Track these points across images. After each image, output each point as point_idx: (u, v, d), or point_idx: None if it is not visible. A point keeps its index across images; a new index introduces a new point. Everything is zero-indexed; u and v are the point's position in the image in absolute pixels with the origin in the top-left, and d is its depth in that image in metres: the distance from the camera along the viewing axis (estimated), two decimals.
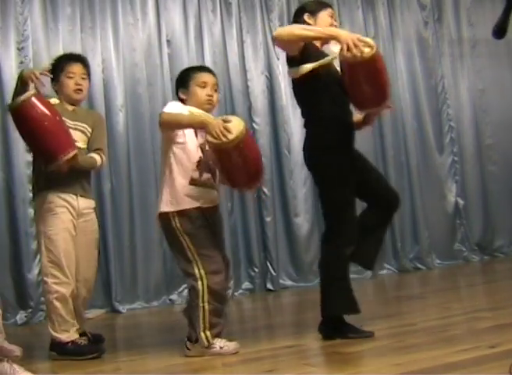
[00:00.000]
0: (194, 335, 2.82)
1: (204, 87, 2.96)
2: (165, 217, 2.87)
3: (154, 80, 4.91)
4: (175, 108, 2.89)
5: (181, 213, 2.84)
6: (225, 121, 2.71)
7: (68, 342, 2.97)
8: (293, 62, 2.98)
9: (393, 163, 5.64)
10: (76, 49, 4.64)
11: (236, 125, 2.71)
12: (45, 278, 3.00)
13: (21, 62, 4.48)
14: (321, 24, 3.06)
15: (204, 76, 3.00)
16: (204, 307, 2.78)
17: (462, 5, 6.18)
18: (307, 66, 2.92)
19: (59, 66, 3.17)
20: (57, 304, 2.96)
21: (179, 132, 2.89)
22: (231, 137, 2.64)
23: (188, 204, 2.84)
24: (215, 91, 3.00)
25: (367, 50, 2.78)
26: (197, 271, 2.79)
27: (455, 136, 6.00)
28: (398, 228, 5.58)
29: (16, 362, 2.41)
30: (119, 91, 4.76)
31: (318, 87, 2.97)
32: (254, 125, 5.17)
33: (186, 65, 5.01)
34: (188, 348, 2.84)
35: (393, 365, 2.43)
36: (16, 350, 2.47)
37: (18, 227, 4.29)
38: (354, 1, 5.72)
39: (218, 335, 2.82)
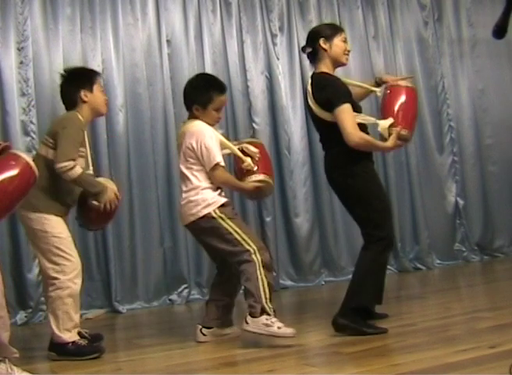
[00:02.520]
0: (259, 306, 2.88)
1: (218, 110, 3.21)
2: (204, 216, 3.07)
3: (154, 80, 4.91)
4: (219, 151, 3.13)
5: (219, 206, 3.09)
6: (258, 187, 3.19)
7: (69, 343, 2.97)
8: (326, 105, 3.14)
9: (393, 163, 5.64)
10: (76, 49, 4.67)
11: (268, 187, 3.25)
12: (55, 274, 2.97)
13: (21, 62, 4.48)
14: (336, 49, 3.26)
15: (222, 100, 3.22)
16: (262, 279, 2.91)
17: (462, 5, 6.18)
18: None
19: (93, 75, 3.21)
20: (68, 300, 2.96)
21: None
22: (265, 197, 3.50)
23: (222, 199, 3.12)
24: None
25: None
26: (249, 247, 2.98)
27: (455, 136, 6.00)
28: (398, 228, 5.57)
29: (13, 362, 2.41)
30: (119, 91, 4.75)
31: None
32: (254, 125, 5.17)
33: (186, 65, 5.03)
34: (247, 322, 2.90)
35: (393, 365, 2.44)
36: (16, 352, 2.48)
37: (18, 227, 4.28)
38: (354, 1, 5.71)
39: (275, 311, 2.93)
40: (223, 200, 3.11)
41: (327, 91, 3.13)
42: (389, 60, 5.77)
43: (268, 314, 2.88)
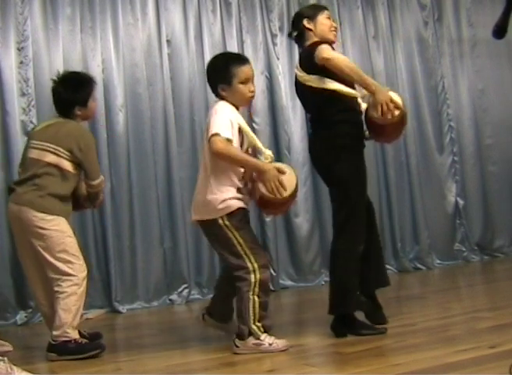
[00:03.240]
0: (246, 329, 2.80)
1: (246, 82, 2.89)
2: (211, 220, 2.88)
3: (154, 80, 4.91)
4: (226, 125, 2.79)
5: (229, 213, 2.86)
6: (279, 171, 2.79)
7: (71, 340, 2.98)
8: (314, 70, 3.02)
9: (393, 163, 5.64)
10: (76, 49, 4.67)
11: (290, 180, 2.81)
12: (72, 271, 3.02)
13: (21, 62, 4.48)
14: (321, 27, 3.17)
15: (246, 71, 2.90)
16: (254, 299, 2.80)
17: (462, 5, 6.18)
18: (335, 86, 2.98)
19: (89, 88, 3.23)
20: (82, 297, 3.05)
21: None
22: (284, 194, 2.78)
23: (235, 206, 2.86)
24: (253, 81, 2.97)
25: (396, 112, 2.88)
26: (249, 265, 2.83)
27: (455, 136, 6.00)
28: (398, 228, 5.58)
29: (13, 362, 2.41)
30: (119, 91, 4.76)
31: (333, 96, 3.02)
32: (254, 125, 5.17)
33: (186, 65, 5.03)
34: (237, 345, 2.83)
35: (393, 365, 2.44)
36: (8, 345, 2.48)
37: None
38: (354, 1, 5.71)
39: (267, 330, 2.83)
40: (232, 208, 2.84)
41: (310, 49, 3.06)
42: (389, 60, 5.77)
43: (255, 335, 2.80)
